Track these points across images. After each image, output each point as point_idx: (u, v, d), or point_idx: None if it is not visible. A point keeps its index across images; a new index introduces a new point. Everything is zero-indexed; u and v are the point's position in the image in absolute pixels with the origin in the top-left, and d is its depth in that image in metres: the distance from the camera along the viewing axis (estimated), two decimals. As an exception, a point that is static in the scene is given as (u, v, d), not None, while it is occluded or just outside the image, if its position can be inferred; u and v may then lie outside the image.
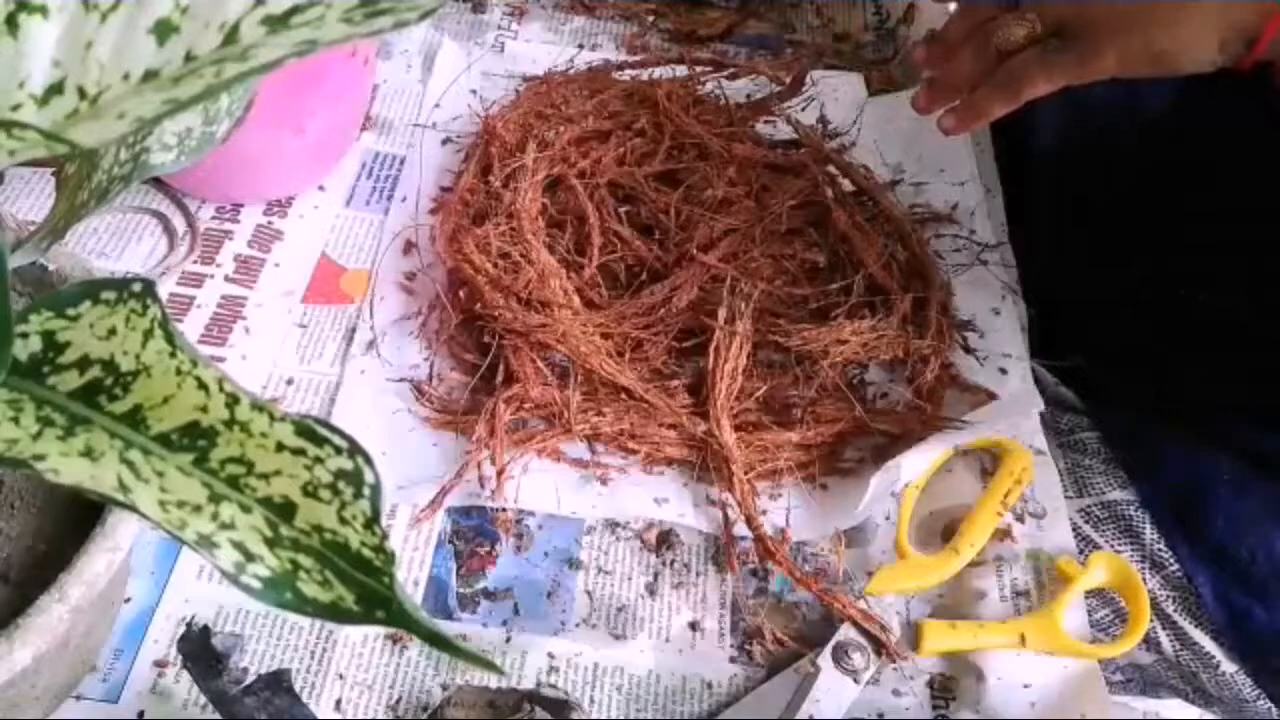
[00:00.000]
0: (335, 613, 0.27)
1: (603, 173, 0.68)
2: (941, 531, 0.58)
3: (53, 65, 0.27)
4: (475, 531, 0.55)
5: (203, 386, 0.29)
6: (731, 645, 0.53)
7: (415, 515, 0.55)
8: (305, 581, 0.27)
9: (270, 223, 0.68)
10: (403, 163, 0.74)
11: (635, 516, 0.56)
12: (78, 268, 0.46)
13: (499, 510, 0.56)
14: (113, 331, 0.30)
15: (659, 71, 0.78)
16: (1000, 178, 0.76)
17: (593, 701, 0.50)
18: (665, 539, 0.56)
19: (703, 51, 0.85)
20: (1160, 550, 0.60)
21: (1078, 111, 0.73)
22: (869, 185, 0.71)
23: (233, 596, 0.51)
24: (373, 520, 0.27)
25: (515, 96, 0.76)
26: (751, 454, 0.57)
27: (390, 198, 0.71)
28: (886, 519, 0.57)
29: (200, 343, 0.61)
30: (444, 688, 0.49)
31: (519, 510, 0.56)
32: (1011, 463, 0.58)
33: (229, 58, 0.25)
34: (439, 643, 0.26)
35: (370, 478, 0.28)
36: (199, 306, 0.63)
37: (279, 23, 0.26)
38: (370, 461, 0.28)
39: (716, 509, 0.56)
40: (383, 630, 0.51)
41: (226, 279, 0.65)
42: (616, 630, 0.53)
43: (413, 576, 0.53)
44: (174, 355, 0.30)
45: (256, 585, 0.27)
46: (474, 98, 0.78)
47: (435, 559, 0.54)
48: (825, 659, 0.50)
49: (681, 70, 0.78)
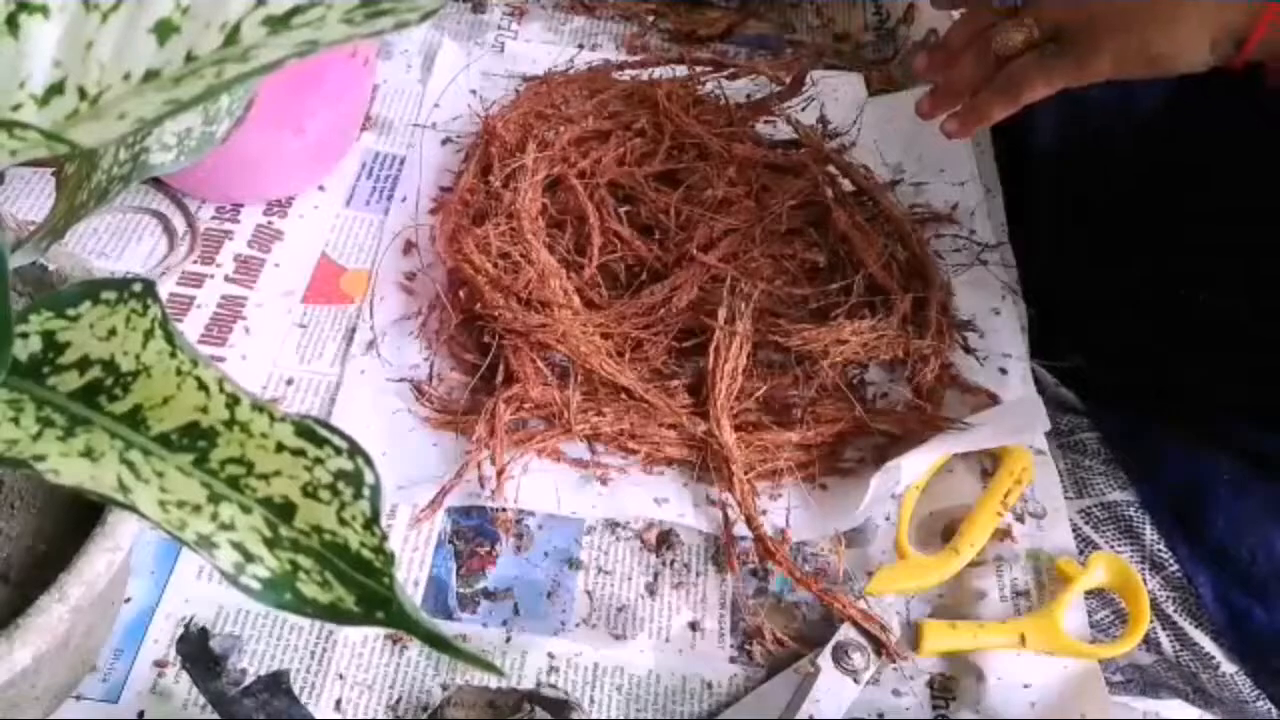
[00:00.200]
0: (335, 613, 0.27)
1: (603, 173, 0.68)
2: (941, 531, 0.58)
3: (53, 65, 0.27)
4: (475, 531, 0.55)
5: (203, 387, 0.29)
6: (731, 645, 0.53)
7: (415, 515, 0.55)
8: (305, 582, 0.27)
9: (270, 223, 0.68)
10: (403, 163, 0.74)
11: (635, 516, 0.56)
12: (78, 268, 0.46)
13: (499, 510, 0.56)
14: (113, 332, 0.30)
15: (659, 71, 0.78)
16: (1000, 178, 0.76)
17: (593, 701, 0.50)
18: (665, 539, 0.56)
19: (703, 51, 0.85)
20: (1160, 551, 0.60)
21: (1076, 112, 0.73)
22: (869, 185, 0.71)
23: (232, 596, 0.51)
24: (372, 521, 0.27)
25: (515, 96, 0.76)
26: (751, 454, 0.57)
27: (390, 198, 0.71)
28: (886, 519, 0.57)
29: (200, 343, 0.61)
30: (444, 688, 0.49)
31: (519, 510, 0.56)
32: (1011, 463, 0.59)
33: (230, 58, 0.25)
34: (438, 644, 0.26)
35: (370, 478, 0.28)
36: (199, 306, 0.63)
37: (280, 23, 0.26)
38: (370, 462, 0.28)
39: (716, 509, 0.56)
40: (383, 630, 0.51)
41: (226, 279, 0.65)
42: (616, 630, 0.53)
43: (413, 577, 0.53)
44: (174, 355, 0.30)
45: (256, 586, 0.27)
46: (474, 98, 0.78)
47: (435, 559, 0.54)
48: (825, 659, 0.50)
49: (681, 70, 0.78)
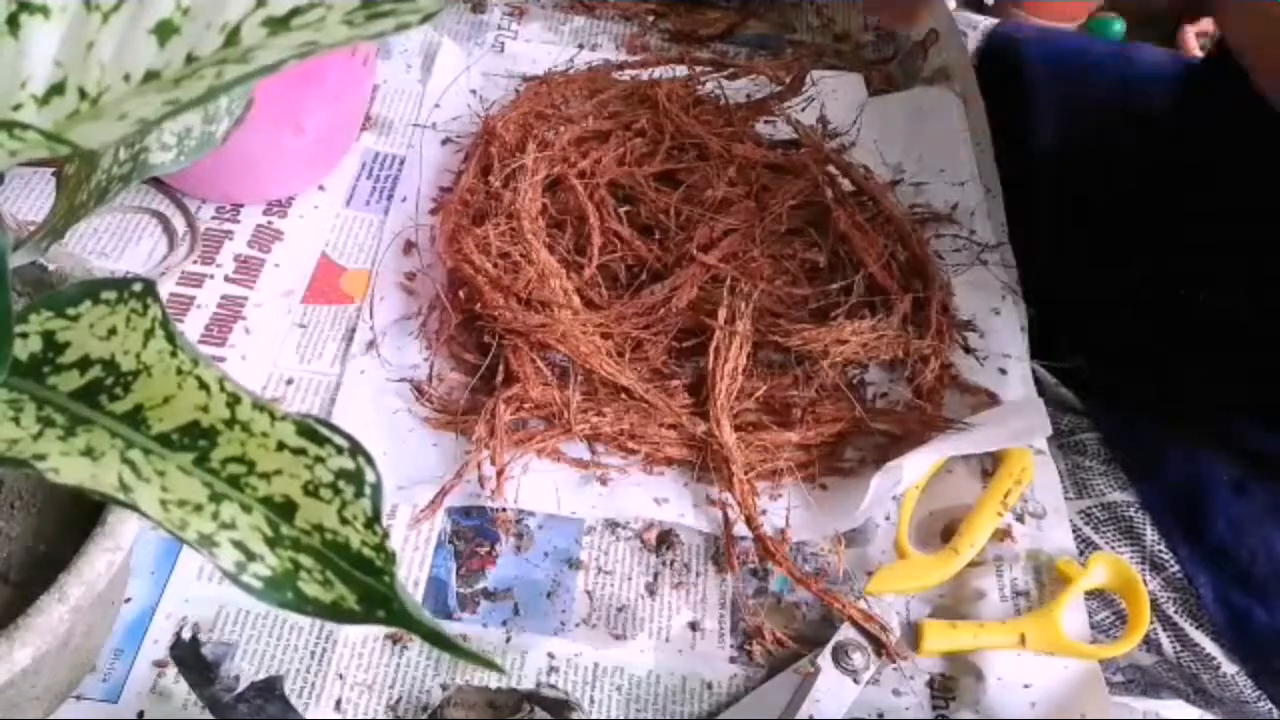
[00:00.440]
0: (336, 612, 0.27)
1: (603, 173, 0.68)
2: (941, 531, 0.58)
3: (54, 65, 0.27)
4: (475, 531, 0.55)
5: (203, 386, 0.29)
6: (731, 645, 0.53)
7: (415, 515, 0.55)
8: (306, 581, 0.27)
9: (270, 223, 0.68)
10: (403, 163, 0.74)
11: (635, 516, 0.56)
12: (78, 268, 0.46)
13: (499, 510, 0.56)
14: (113, 331, 0.30)
15: (659, 71, 0.78)
16: (1000, 178, 0.76)
17: (593, 701, 0.50)
18: (665, 539, 0.56)
19: (703, 51, 0.86)
20: (1160, 551, 0.60)
21: (1076, 112, 0.73)
22: (869, 185, 0.71)
23: (233, 597, 0.51)
24: (373, 520, 0.27)
25: (515, 96, 0.76)
26: (751, 454, 0.57)
27: (390, 198, 0.71)
28: (886, 519, 0.57)
29: (200, 343, 0.61)
30: (444, 688, 0.49)
31: (519, 510, 0.56)
32: (1011, 463, 0.59)
33: (230, 59, 0.25)
34: (440, 642, 0.26)
35: (371, 477, 0.28)
36: (199, 306, 0.63)
37: (280, 24, 0.26)
38: (371, 461, 0.28)
39: (716, 509, 0.56)
40: (382, 630, 0.51)
41: (226, 279, 0.65)
42: (616, 630, 0.53)
43: (413, 577, 0.53)
44: (175, 355, 0.30)
45: (257, 585, 0.27)
46: (474, 98, 0.78)
47: (435, 559, 0.54)
48: (825, 659, 0.50)
49: (681, 70, 0.78)
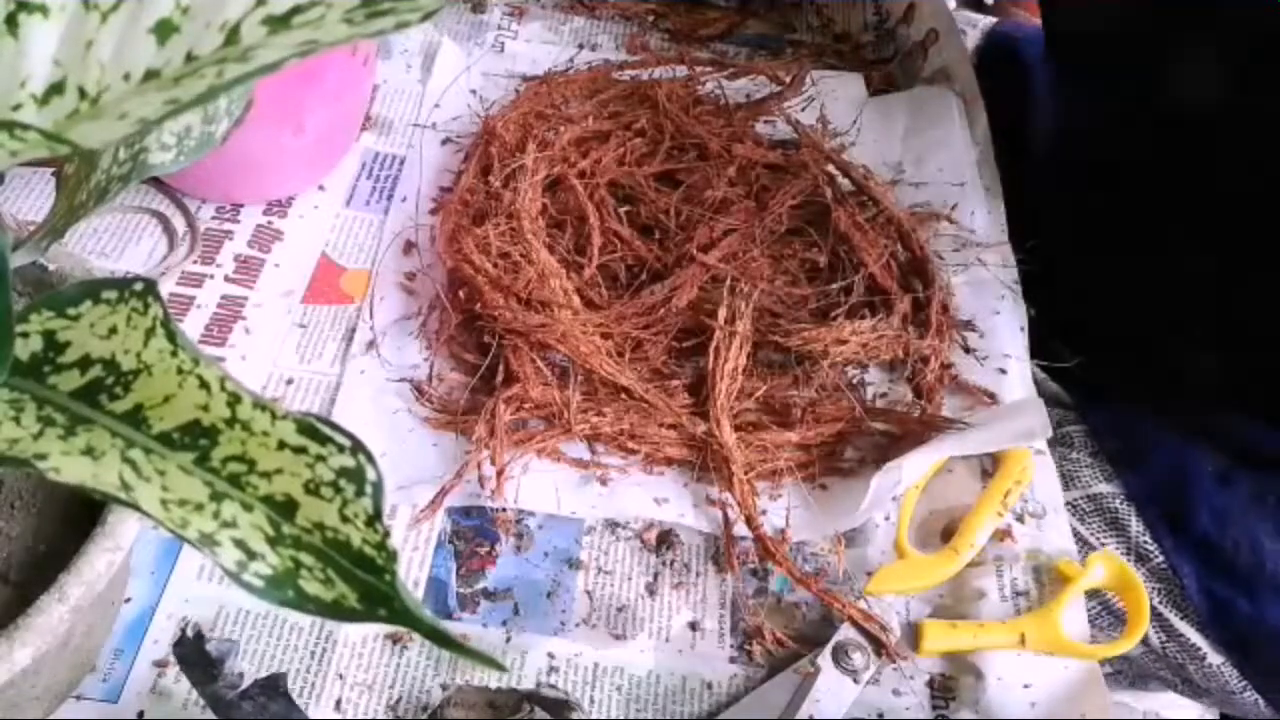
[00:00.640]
0: (337, 611, 0.27)
1: (603, 173, 0.68)
2: (941, 531, 0.58)
3: (53, 65, 0.27)
4: (475, 531, 0.55)
5: (204, 385, 0.29)
6: (731, 645, 0.53)
7: (415, 515, 0.55)
8: (307, 579, 0.27)
9: (270, 223, 0.68)
10: (403, 163, 0.74)
11: (635, 516, 0.56)
12: (78, 268, 0.46)
13: (499, 510, 0.56)
14: (113, 331, 0.30)
15: (659, 71, 0.78)
16: (1000, 178, 0.76)
17: (593, 701, 0.50)
18: (665, 539, 0.56)
19: (703, 51, 0.86)
20: (1145, 543, 0.60)
21: (1076, 111, 0.73)
22: (869, 185, 0.71)
23: (233, 596, 0.51)
24: (374, 518, 0.27)
25: (515, 96, 0.76)
26: (751, 454, 0.57)
27: (390, 198, 0.71)
28: (886, 519, 0.57)
29: (200, 343, 0.61)
30: (444, 688, 0.49)
31: (519, 510, 0.56)
32: (1011, 463, 0.59)
33: (230, 58, 0.25)
34: (441, 640, 0.26)
35: (372, 475, 0.28)
36: (199, 306, 0.63)
37: (280, 23, 0.26)
38: (372, 459, 0.28)
39: (716, 509, 0.56)
40: (382, 630, 0.51)
41: (226, 279, 0.65)
42: (616, 630, 0.53)
43: (413, 577, 0.53)
44: (175, 354, 0.30)
45: (258, 583, 0.27)
46: (474, 98, 0.78)
47: (435, 559, 0.54)
48: (825, 659, 0.50)
49: (681, 70, 0.78)
